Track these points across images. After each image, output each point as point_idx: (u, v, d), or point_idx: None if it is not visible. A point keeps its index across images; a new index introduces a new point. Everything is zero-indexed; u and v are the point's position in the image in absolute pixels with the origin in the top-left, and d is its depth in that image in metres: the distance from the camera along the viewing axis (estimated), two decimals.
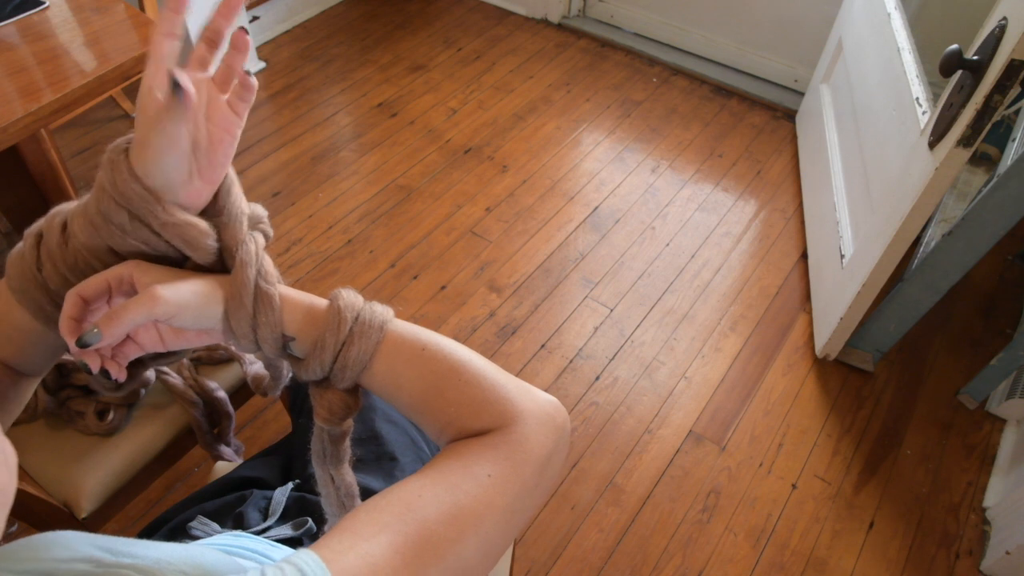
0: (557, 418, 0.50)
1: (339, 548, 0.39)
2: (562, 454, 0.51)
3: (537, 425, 0.48)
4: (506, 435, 0.47)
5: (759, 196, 2.16)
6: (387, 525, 0.41)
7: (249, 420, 1.56)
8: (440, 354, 0.49)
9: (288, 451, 0.93)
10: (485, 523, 0.44)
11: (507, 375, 0.51)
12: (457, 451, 0.47)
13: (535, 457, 0.47)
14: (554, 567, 1.37)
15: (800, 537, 1.44)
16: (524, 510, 0.47)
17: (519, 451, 0.47)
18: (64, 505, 0.93)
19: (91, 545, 0.39)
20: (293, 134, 2.26)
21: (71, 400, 0.95)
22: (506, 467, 0.46)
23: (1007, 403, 1.59)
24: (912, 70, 1.45)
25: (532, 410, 0.49)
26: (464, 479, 0.44)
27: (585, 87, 2.51)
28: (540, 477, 0.48)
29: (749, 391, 1.68)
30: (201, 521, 0.72)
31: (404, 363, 0.49)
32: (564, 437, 0.51)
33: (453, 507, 0.43)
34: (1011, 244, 2.01)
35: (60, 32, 1.26)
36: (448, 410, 0.49)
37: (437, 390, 0.49)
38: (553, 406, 0.51)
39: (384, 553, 0.39)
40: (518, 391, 0.50)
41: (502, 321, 1.78)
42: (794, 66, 2.47)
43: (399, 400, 0.51)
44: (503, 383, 0.49)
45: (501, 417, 0.48)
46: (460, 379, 0.49)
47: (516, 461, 0.46)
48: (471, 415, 0.48)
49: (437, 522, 0.42)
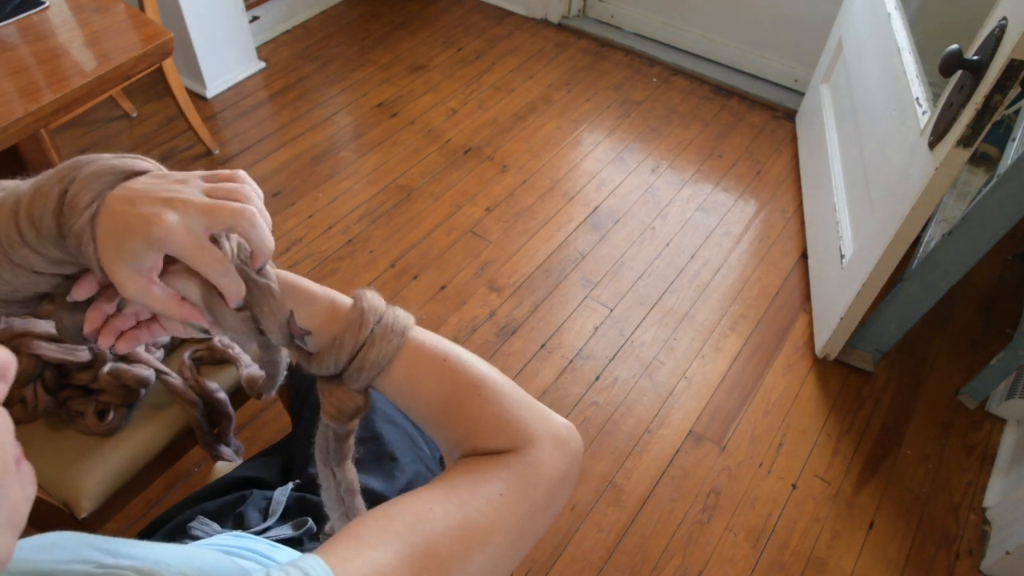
0: (572, 443, 0.50)
1: (345, 555, 0.38)
2: (574, 478, 0.51)
3: (552, 448, 0.49)
4: (521, 456, 0.48)
5: (759, 196, 2.16)
6: (395, 535, 0.41)
7: (249, 420, 1.56)
8: (461, 367, 0.49)
9: (288, 451, 0.93)
10: (493, 541, 0.43)
11: (526, 395, 0.51)
12: (471, 467, 0.47)
13: (548, 480, 0.48)
14: (554, 567, 1.37)
15: (800, 537, 1.44)
16: (533, 532, 0.47)
17: (533, 472, 0.47)
18: (64, 505, 0.93)
19: (91, 546, 0.39)
20: (293, 134, 2.26)
21: (71, 400, 0.95)
22: (519, 487, 0.46)
23: (1007, 403, 1.59)
24: (912, 70, 1.45)
25: (548, 433, 0.49)
26: (475, 496, 0.44)
27: (585, 87, 2.51)
28: (551, 499, 0.48)
29: (749, 391, 1.68)
30: (201, 521, 0.72)
31: (424, 372, 0.49)
32: (577, 462, 0.51)
33: (463, 522, 0.43)
34: (1011, 244, 2.01)
35: (60, 32, 1.26)
36: (465, 424, 0.49)
37: (457, 403, 0.49)
38: (568, 430, 0.51)
39: (390, 562, 0.39)
40: (536, 413, 0.50)
41: (502, 321, 1.78)
42: (794, 66, 2.46)
43: (416, 409, 0.51)
44: (522, 403, 0.50)
45: (518, 437, 0.48)
46: (480, 395, 0.49)
47: (529, 482, 0.47)
48: (488, 433, 0.48)
49: (445, 536, 0.42)
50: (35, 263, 0.44)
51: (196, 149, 2.17)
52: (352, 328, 0.48)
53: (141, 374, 0.95)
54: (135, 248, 0.42)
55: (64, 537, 0.40)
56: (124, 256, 0.42)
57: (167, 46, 1.28)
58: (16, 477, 0.32)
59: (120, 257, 0.42)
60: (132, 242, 0.42)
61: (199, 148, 2.17)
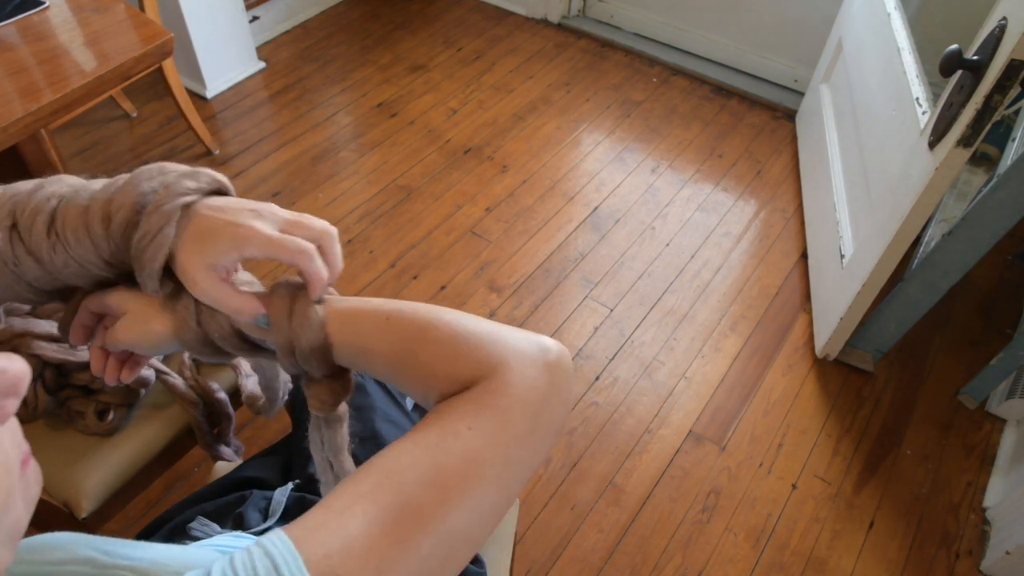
0: (548, 355, 0.46)
1: (311, 525, 0.36)
2: (561, 394, 0.46)
3: (523, 367, 0.44)
4: (487, 384, 0.43)
5: (759, 196, 2.16)
6: (362, 496, 0.38)
7: (249, 420, 1.56)
8: (406, 319, 0.47)
9: (288, 451, 0.93)
10: (472, 481, 0.40)
11: (486, 323, 0.47)
12: (438, 411, 0.44)
13: (523, 401, 0.43)
14: (554, 567, 1.37)
15: (800, 537, 1.44)
16: (520, 461, 0.43)
17: (502, 397, 0.43)
18: (64, 505, 0.93)
19: (89, 547, 0.39)
20: (293, 134, 2.26)
21: (71, 400, 0.95)
22: (489, 417, 0.42)
23: (1007, 403, 1.59)
24: (912, 70, 1.45)
25: (514, 352, 0.45)
26: (443, 437, 0.41)
27: (585, 87, 2.51)
28: (534, 422, 0.44)
29: (749, 391, 1.68)
30: (201, 522, 0.72)
31: (370, 335, 0.47)
32: (560, 375, 0.46)
33: (432, 468, 0.40)
34: (1011, 244, 2.01)
35: (60, 32, 1.26)
36: (424, 371, 0.46)
37: (409, 354, 0.46)
38: (541, 344, 0.46)
39: (359, 525, 0.36)
40: (498, 336, 0.46)
41: (502, 321, 1.78)
42: (794, 66, 2.46)
43: (376, 371, 0.49)
44: (478, 331, 0.46)
45: (479, 366, 0.44)
46: (429, 337, 0.46)
47: (500, 408, 0.43)
48: (446, 374, 0.45)
49: (416, 485, 0.39)
50: (87, 257, 0.47)
51: (196, 149, 2.17)
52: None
53: (141, 374, 0.95)
54: (220, 248, 0.46)
55: (61, 538, 0.40)
56: (207, 254, 0.46)
57: (167, 46, 1.28)
58: (21, 492, 0.32)
59: (202, 255, 0.46)
60: (218, 242, 0.46)
61: (199, 148, 2.17)
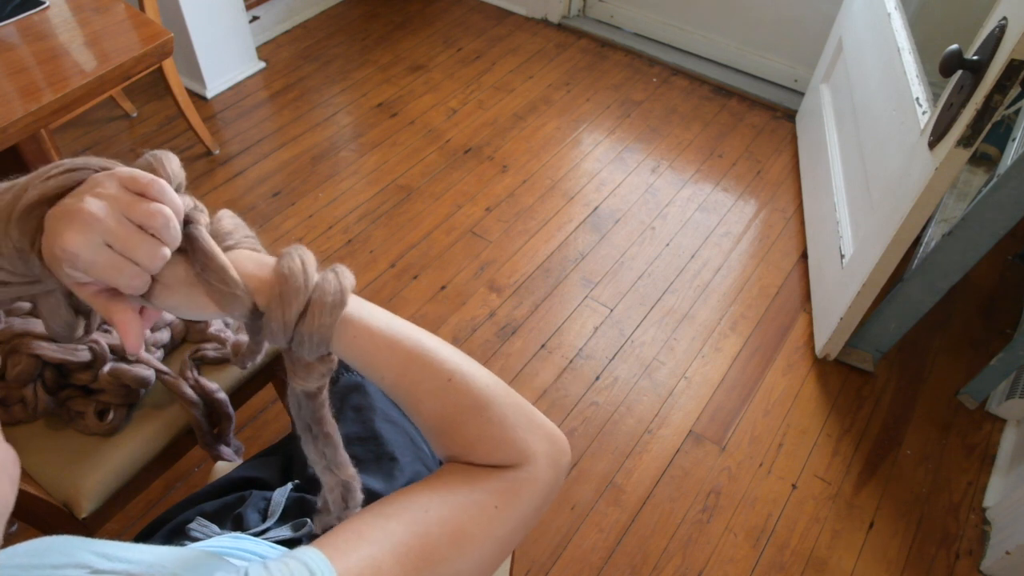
0: (563, 459, 0.53)
1: (344, 548, 0.40)
2: (558, 490, 0.54)
3: (547, 466, 0.51)
4: (518, 472, 0.50)
5: (759, 196, 2.16)
6: (392, 533, 0.43)
7: (249, 420, 1.56)
8: (465, 387, 0.50)
9: (288, 451, 0.93)
10: (484, 548, 0.46)
11: (526, 409, 0.52)
12: (469, 474, 0.49)
13: (542, 496, 0.50)
14: (554, 567, 1.37)
15: (800, 537, 1.44)
16: (518, 540, 0.51)
17: (527, 490, 0.50)
18: (64, 505, 0.93)
19: (87, 550, 0.39)
20: (293, 134, 2.26)
21: (71, 400, 0.95)
22: (513, 503, 0.49)
23: (1007, 403, 1.59)
24: (912, 70, 1.45)
25: (544, 451, 0.51)
26: (472, 506, 0.47)
27: (585, 87, 2.51)
28: (538, 513, 0.51)
29: (749, 391, 1.68)
30: (200, 522, 0.71)
31: (427, 392, 0.49)
32: (564, 475, 0.53)
33: (457, 530, 0.45)
34: (1011, 244, 2.01)
35: (60, 32, 1.26)
36: (464, 443, 0.50)
37: (459, 423, 0.50)
38: (561, 448, 0.53)
39: (387, 560, 0.41)
40: (535, 431, 0.51)
41: (502, 321, 1.78)
42: (794, 66, 2.46)
43: (415, 419, 0.52)
44: (523, 424, 0.51)
45: (516, 457, 0.50)
46: (482, 416, 0.50)
47: (523, 499, 0.49)
48: (486, 452, 0.50)
49: (440, 540, 0.44)
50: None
51: (196, 149, 2.17)
52: (284, 298, 0.44)
53: (141, 374, 0.95)
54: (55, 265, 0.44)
55: (59, 541, 0.40)
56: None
57: (167, 46, 1.28)
58: None
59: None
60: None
61: (199, 148, 2.17)
